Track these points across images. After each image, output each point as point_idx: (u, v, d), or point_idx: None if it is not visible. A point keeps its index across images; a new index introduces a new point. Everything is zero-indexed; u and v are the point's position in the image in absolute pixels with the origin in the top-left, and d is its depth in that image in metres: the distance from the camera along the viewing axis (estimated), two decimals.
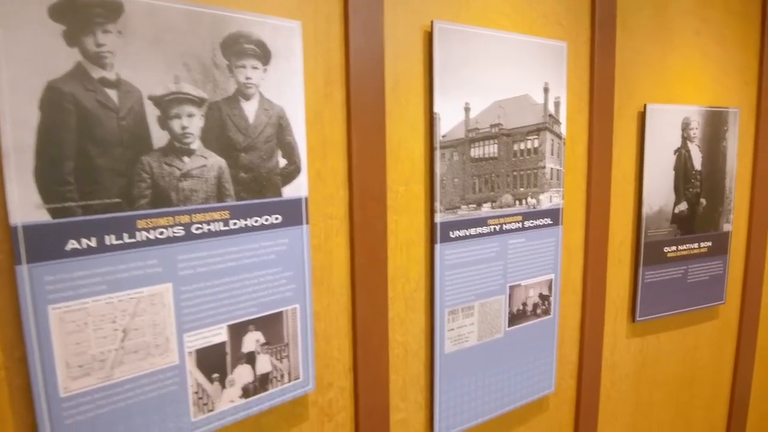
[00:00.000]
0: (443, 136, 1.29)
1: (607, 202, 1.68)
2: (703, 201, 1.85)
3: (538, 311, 1.56)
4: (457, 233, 1.35)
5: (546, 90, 1.47)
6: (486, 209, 1.39)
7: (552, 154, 1.51)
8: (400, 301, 1.30)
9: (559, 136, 1.52)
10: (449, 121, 1.30)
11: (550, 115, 1.49)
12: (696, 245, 1.87)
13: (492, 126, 1.38)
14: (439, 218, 1.31)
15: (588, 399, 1.75)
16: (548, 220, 1.53)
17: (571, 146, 1.59)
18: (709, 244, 1.90)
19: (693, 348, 1.99)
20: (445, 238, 1.33)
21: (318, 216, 1.14)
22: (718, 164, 1.87)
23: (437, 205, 1.30)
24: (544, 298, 1.56)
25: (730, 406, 2.14)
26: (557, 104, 1.50)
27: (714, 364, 2.06)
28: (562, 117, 1.52)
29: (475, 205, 1.37)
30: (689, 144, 1.79)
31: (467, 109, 1.32)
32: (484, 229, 1.40)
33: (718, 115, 1.84)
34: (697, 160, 1.82)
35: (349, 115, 1.16)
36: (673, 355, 1.96)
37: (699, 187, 1.84)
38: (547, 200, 1.52)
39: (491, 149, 1.39)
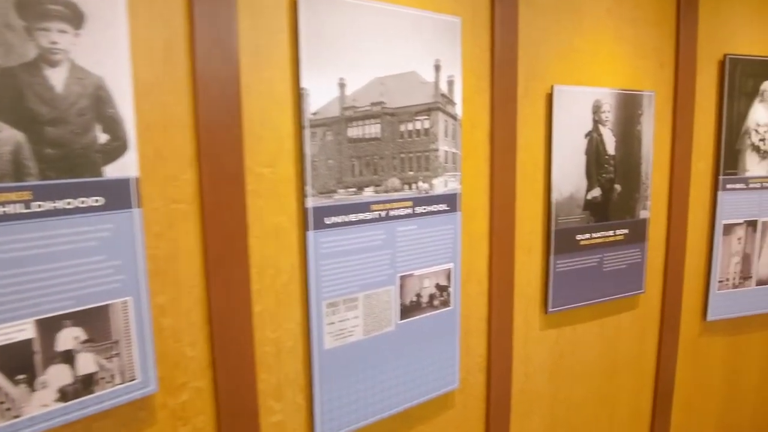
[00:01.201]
0: (313, 114, 1.19)
1: (512, 188, 1.60)
2: (617, 187, 1.79)
3: (436, 302, 1.47)
4: (333, 219, 1.25)
5: (437, 68, 1.38)
6: (369, 193, 1.30)
7: (446, 136, 1.42)
8: (269, 294, 1.20)
9: (454, 117, 1.44)
10: (321, 98, 1.20)
11: (443, 95, 1.40)
12: (611, 233, 1.81)
13: (373, 104, 1.28)
14: (310, 203, 1.21)
15: (499, 393, 1.68)
16: (444, 206, 1.44)
17: (470, 129, 1.51)
18: (626, 231, 1.84)
19: (613, 338, 1.94)
20: (320, 225, 1.23)
21: (157, 199, 1.03)
22: (633, 149, 1.81)
23: (308, 188, 1.20)
24: (442, 288, 1.48)
25: (654, 396, 2.09)
26: (451, 83, 1.42)
27: (636, 354, 2.01)
28: (458, 97, 1.43)
29: (355, 189, 1.28)
30: (601, 128, 1.73)
31: (342, 85, 1.23)
32: (368, 215, 1.30)
33: (632, 98, 1.78)
34: (610, 145, 1.76)
35: (196, 89, 1.05)
36: (593, 346, 1.90)
37: (613, 173, 1.77)
38: (442, 185, 1.43)
39: (373, 129, 1.29)
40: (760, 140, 2.04)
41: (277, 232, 1.19)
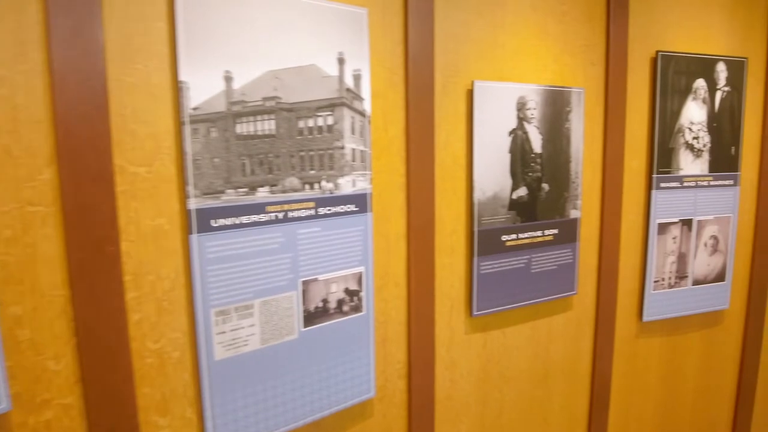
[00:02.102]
0: (194, 109, 1.11)
1: (431, 188, 1.54)
2: (545, 186, 1.74)
3: (345, 308, 1.40)
4: (221, 222, 1.17)
5: (341, 61, 1.31)
6: (263, 194, 1.23)
7: (353, 134, 1.36)
8: (149, 301, 1.12)
9: (362, 114, 1.37)
10: (203, 92, 1.12)
11: (349, 90, 1.33)
12: (539, 233, 1.76)
13: (266, 99, 1.21)
14: (193, 204, 1.13)
15: (421, 401, 1.61)
16: (352, 207, 1.37)
17: (382, 125, 1.44)
18: (555, 231, 1.79)
19: (546, 341, 1.89)
20: (205, 228, 1.15)
21: (8, 202, 0.94)
22: (562, 147, 1.76)
23: (190, 189, 1.12)
24: (352, 293, 1.41)
25: (590, 399, 2.05)
26: (358, 77, 1.35)
27: (571, 357, 1.97)
28: (366, 92, 1.37)
29: (246, 190, 1.20)
30: (526, 125, 1.67)
31: (228, 79, 1.15)
32: (263, 217, 1.23)
33: (560, 95, 1.73)
34: (536, 143, 1.71)
35: (53, 82, 0.96)
36: (524, 350, 1.85)
37: (540, 171, 1.73)
38: (349, 185, 1.36)
39: (266, 126, 1.22)
40: (694, 138, 2.01)
41: (156, 235, 1.11)
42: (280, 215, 1.25)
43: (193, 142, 1.12)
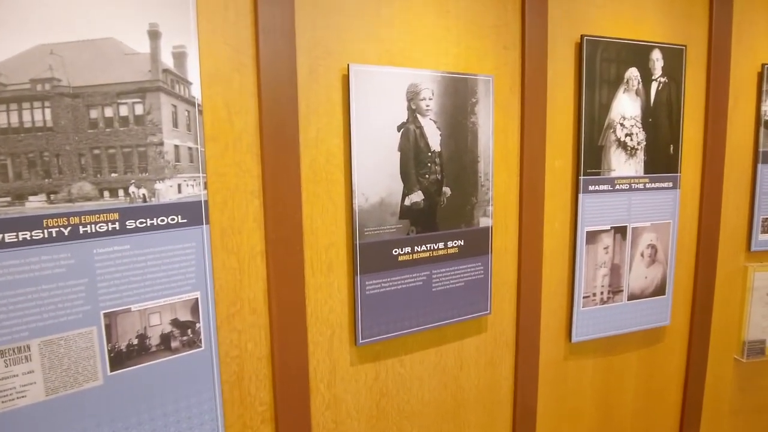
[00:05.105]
0: None
1: (296, 192, 1.27)
2: (446, 190, 1.48)
3: (175, 344, 1.13)
4: None
5: (154, 34, 1.03)
6: (37, 204, 0.94)
7: (176, 126, 1.08)
8: None
9: (189, 102, 1.09)
10: None
11: (167, 71, 1.05)
12: (441, 245, 1.50)
13: (36, 81, 0.92)
14: None
15: None
16: (178, 218, 1.10)
17: (226, 116, 1.17)
18: (461, 243, 1.54)
19: (454, 369, 1.64)
20: None
21: None
22: (466, 144, 1.50)
23: None
24: (183, 325, 1.13)
25: (513, 430, 1.80)
26: (181, 56, 1.07)
27: (487, 385, 1.71)
28: (193, 75, 1.09)
29: (9, 199, 0.91)
30: (420, 118, 1.41)
31: None
32: (38, 234, 0.94)
33: (463, 84, 1.47)
34: (433, 139, 1.45)
35: None
36: (428, 380, 1.59)
37: (439, 173, 1.47)
38: (173, 191, 1.09)
39: (38, 116, 0.93)
40: (627, 135, 1.77)
41: None
42: (66, 231, 0.97)
43: None
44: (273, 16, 1.20)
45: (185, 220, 1.11)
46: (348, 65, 1.30)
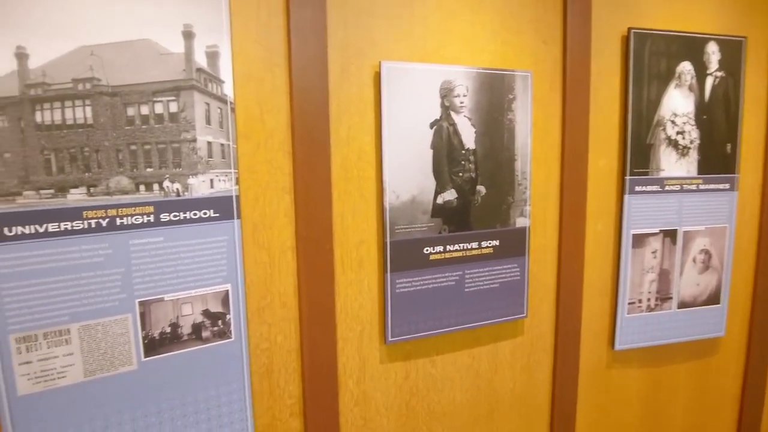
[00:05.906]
0: None
1: (327, 190, 1.29)
2: (481, 189, 1.46)
3: (206, 334, 1.17)
4: (19, 230, 0.95)
5: (188, 35, 1.08)
6: (78, 196, 1.00)
7: (209, 123, 1.12)
8: None
9: (222, 99, 1.13)
10: None
11: (201, 70, 1.09)
12: (475, 245, 1.48)
13: (77, 80, 0.98)
14: None
15: None
16: (210, 213, 1.14)
17: (258, 115, 1.20)
18: (496, 243, 1.50)
19: (488, 372, 1.60)
20: None
21: None
22: (503, 142, 1.47)
23: None
24: (214, 316, 1.17)
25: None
26: (214, 56, 1.11)
27: (522, 390, 1.67)
28: (226, 74, 1.13)
29: (53, 191, 0.98)
30: (454, 115, 1.40)
31: (22, 56, 0.93)
32: (79, 224, 1.00)
33: (500, 80, 1.44)
34: (468, 137, 1.43)
35: None
36: (460, 382, 1.57)
37: (473, 171, 1.44)
38: (205, 186, 1.13)
39: (80, 113, 0.99)
40: (678, 133, 1.68)
41: None
42: (105, 222, 1.03)
43: None
44: (304, 17, 1.21)
45: (217, 215, 1.14)
46: (380, 62, 1.30)
